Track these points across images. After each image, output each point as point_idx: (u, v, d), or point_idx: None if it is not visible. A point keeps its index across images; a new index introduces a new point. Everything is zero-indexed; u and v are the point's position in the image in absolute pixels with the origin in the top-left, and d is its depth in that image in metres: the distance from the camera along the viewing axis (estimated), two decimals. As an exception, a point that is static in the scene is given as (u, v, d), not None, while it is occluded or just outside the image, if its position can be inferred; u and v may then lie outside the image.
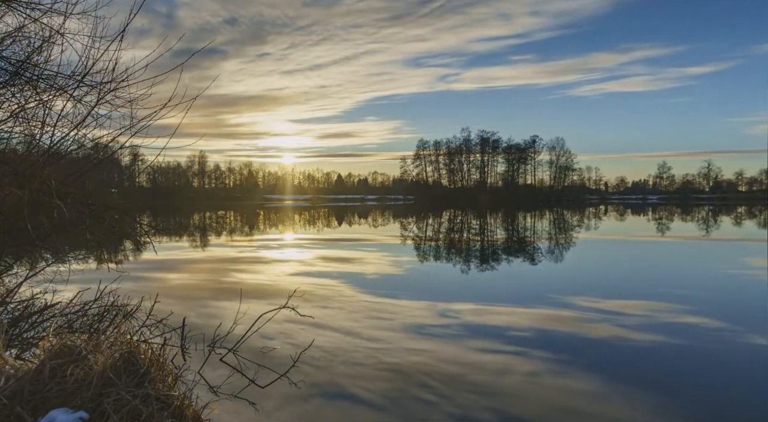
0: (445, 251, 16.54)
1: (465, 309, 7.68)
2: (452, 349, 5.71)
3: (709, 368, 5.22)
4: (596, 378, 4.88)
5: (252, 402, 4.02)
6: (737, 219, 34.37)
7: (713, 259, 14.20)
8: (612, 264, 13.55)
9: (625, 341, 6.09)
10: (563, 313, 7.43)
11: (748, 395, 4.52)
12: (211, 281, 10.28)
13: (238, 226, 30.94)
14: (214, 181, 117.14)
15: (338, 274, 11.20)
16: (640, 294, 8.90)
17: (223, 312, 7.29)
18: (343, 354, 5.48)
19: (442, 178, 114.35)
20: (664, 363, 5.34)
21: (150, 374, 2.54)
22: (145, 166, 68.18)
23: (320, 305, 7.90)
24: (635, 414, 4.07)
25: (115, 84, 4.44)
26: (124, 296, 5.84)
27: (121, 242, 16.41)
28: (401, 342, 5.98)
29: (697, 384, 4.79)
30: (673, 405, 4.25)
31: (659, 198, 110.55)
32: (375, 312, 7.50)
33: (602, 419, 4.03)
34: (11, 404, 2.34)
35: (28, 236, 4.23)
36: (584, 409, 4.20)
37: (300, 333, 6.26)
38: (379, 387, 4.61)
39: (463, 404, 4.24)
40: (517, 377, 4.90)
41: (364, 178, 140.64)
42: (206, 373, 4.49)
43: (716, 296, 8.83)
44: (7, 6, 4.48)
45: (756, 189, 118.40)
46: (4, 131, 4.95)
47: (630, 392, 4.53)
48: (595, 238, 21.12)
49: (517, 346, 5.83)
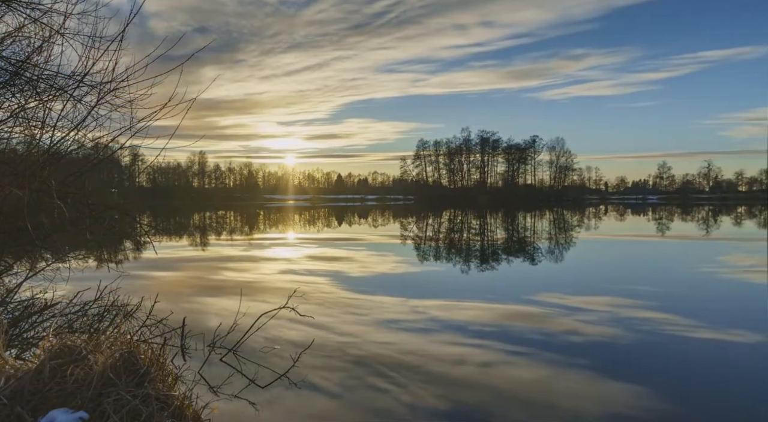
0: (444, 251, 16.54)
1: (449, 305, 7.69)
2: (420, 340, 5.75)
3: (660, 360, 5.44)
4: (547, 368, 5.12)
5: (252, 402, 4.02)
6: (737, 219, 34.38)
7: (698, 259, 14.19)
8: (595, 263, 13.56)
9: (580, 334, 6.34)
10: (529, 309, 7.67)
11: (694, 381, 4.67)
12: (212, 281, 10.28)
13: (238, 226, 30.95)
14: (214, 181, 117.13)
15: (338, 274, 11.20)
16: (609, 291, 9.14)
17: (223, 312, 7.29)
18: (338, 350, 5.49)
19: (442, 178, 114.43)
20: (617, 354, 5.62)
21: (150, 374, 2.54)
22: (145, 166, 68.21)
23: (321, 305, 7.90)
24: (580, 402, 4.27)
25: (115, 84, 4.44)
26: (124, 296, 5.84)
27: (121, 242, 16.41)
28: (401, 339, 5.99)
29: (643, 371, 5.06)
30: (613, 392, 4.49)
31: (659, 198, 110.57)
32: (374, 310, 7.52)
33: (545, 404, 4.25)
34: (11, 404, 2.34)
35: (28, 236, 4.23)
36: (529, 396, 4.41)
37: (300, 332, 6.26)
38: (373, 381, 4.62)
39: (418, 393, 4.37)
40: (471, 367, 5.11)
41: (364, 177, 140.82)
42: (206, 373, 4.49)
43: (685, 294, 9.02)
44: (7, 6, 4.48)
45: (756, 189, 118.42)
46: (4, 131, 4.96)
47: (579, 381, 4.76)
48: (592, 238, 21.13)
49: (481, 339, 6.07)
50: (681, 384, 4.75)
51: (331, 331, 6.40)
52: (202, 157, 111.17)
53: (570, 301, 8.21)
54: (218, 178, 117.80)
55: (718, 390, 4.58)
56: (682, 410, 4.14)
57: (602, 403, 4.27)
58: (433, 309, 7.68)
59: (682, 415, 4.05)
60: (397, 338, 6.12)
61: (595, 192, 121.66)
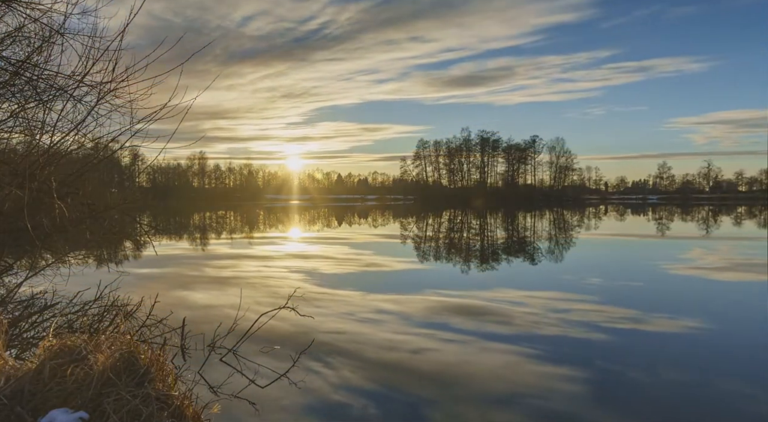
0: (444, 251, 16.54)
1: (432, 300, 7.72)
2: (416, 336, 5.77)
3: (586, 348, 5.88)
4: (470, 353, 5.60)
5: (252, 402, 4.02)
6: (737, 219, 34.38)
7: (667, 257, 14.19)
8: (588, 262, 13.57)
9: (517, 325, 6.80)
10: (476, 302, 8.27)
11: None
12: (211, 281, 10.28)
13: (238, 226, 30.95)
14: (214, 181, 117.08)
15: (338, 274, 11.20)
16: (559, 286, 9.72)
17: (223, 312, 7.29)
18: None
19: (442, 178, 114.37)
20: (539, 340, 6.13)
21: (150, 374, 2.54)
22: (145, 166, 68.16)
23: (320, 304, 7.90)
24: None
25: (115, 84, 4.43)
26: (124, 296, 5.84)
27: (121, 242, 16.41)
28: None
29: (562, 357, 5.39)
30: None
31: (659, 198, 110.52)
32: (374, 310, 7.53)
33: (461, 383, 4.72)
34: (11, 404, 2.34)
35: (28, 236, 4.23)
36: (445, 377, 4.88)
37: (300, 332, 6.27)
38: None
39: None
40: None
41: (364, 177, 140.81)
42: (206, 373, 4.49)
43: (636, 291, 9.14)
44: (7, 6, 4.47)
45: (756, 189, 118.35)
46: (4, 131, 4.95)
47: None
48: (591, 239, 21.13)
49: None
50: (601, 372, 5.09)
51: (331, 331, 6.40)
52: (201, 156, 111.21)
53: (513, 296, 8.76)
54: (218, 178, 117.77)
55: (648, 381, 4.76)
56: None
57: (511, 381, 4.80)
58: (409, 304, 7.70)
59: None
60: (398, 338, 6.13)
61: (595, 192, 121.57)
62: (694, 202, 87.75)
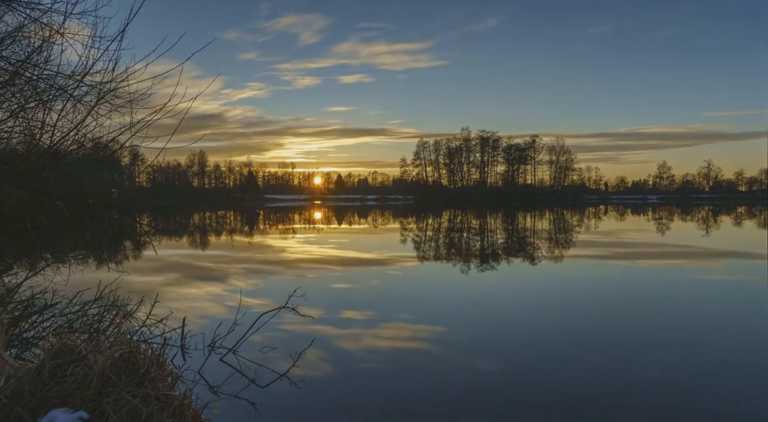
0: (444, 250, 16.55)
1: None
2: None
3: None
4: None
5: (252, 402, 4.01)
6: (736, 220, 34.37)
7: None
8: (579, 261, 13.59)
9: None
10: (475, 302, 7.61)
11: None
12: (211, 280, 10.28)
13: (238, 226, 30.94)
14: (214, 181, 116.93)
15: (337, 274, 11.20)
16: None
17: (223, 312, 7.28)
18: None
19: (442, 178, 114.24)
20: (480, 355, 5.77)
21: (150, 374, 2.54)
22: (145, 166, 68.05)
23: (321, 304, 7.90)
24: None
25: (115, 84, 4.44)
26: (124, 296, 5.84)
27: (121, 242, 16.42)
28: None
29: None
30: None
31: (659, 198, 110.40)
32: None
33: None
34: (11, 404, 2.34)
35: (28, 236, 4.23)
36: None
37: (300, 332, 6.26)
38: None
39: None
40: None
41: (364, 177, 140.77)
42: (206, 373, 4.49)
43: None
44: (7, 6, 4.48)
45: (756, 189, 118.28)
46: (4, 131, 4.95)
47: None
48: (586, 238, 21.12)
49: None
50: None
51: (330, 331, 6.40)
52: (201, 156, 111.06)
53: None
54: (218, 178, 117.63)
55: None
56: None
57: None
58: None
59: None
60: (401, 336, 6.13)
61: (595, 192, 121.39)
62: (694, 202, 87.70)
